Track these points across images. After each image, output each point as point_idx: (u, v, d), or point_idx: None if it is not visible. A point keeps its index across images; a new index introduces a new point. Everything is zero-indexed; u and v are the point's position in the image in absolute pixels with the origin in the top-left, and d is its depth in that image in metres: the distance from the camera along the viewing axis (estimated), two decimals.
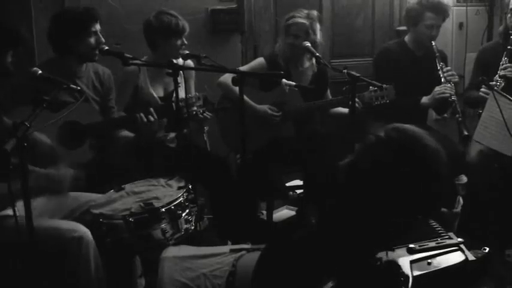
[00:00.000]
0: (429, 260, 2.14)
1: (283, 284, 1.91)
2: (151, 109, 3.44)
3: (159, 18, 3.81)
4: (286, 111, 4.17)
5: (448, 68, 4.23)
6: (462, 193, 4.11)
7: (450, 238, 2.29)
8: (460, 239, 2.25)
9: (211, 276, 2.33)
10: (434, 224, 2.41)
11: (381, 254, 1.99)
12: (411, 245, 2.15)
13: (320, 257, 1.85)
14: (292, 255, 1.93)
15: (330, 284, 1.76)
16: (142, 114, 3.40)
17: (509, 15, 4.01)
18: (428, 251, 2.17)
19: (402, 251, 2.14)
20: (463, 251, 2.20)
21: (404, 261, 2.08)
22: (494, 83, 3.83)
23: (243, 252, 2.41)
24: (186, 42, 3.86)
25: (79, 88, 3.24)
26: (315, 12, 4.21)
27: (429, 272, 2.09)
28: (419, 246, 2.17)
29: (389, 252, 2.03)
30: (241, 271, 2.29)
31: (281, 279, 1.92)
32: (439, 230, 2.36)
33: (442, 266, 2.12)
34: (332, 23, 5.41)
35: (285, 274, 1.90)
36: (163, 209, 2.90)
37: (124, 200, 3.06)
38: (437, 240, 2.26)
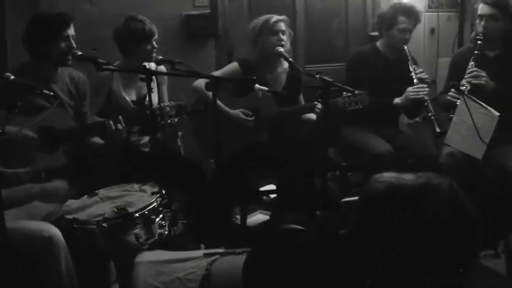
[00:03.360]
0: None
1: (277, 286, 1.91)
2: (120, 117, 3.43)
3: (126, 25, 3.85)
4: (259, 117, 4.19)
5: (421, 69, 4.32)
6: None
7: None
8: None
9: (185, 280, 2.33)
10: None
11: None
12: None
13: (326, 262, 1.84)
14: (294, 259, 1.93)
15: None
16: (111, 122, 3.41)
17: (477, 21, 4.08)
18: None
19: None
20: None
21: None
22: (463, 87, 3.88)
23: (217, 256, 2.42)
24: (156, 45, 3.88)
25: (52, 93, 3.23)
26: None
27: None
28: None
29: None
30: (215, 275, 2.29)
31: (276, 282, 1.92)
32: None
33: None
34: (306, 28, 5.45)
35: (281, 277, 1.90)
36: (137, 214, 2.90)
37: (98, 206, 3.05)
38: None
